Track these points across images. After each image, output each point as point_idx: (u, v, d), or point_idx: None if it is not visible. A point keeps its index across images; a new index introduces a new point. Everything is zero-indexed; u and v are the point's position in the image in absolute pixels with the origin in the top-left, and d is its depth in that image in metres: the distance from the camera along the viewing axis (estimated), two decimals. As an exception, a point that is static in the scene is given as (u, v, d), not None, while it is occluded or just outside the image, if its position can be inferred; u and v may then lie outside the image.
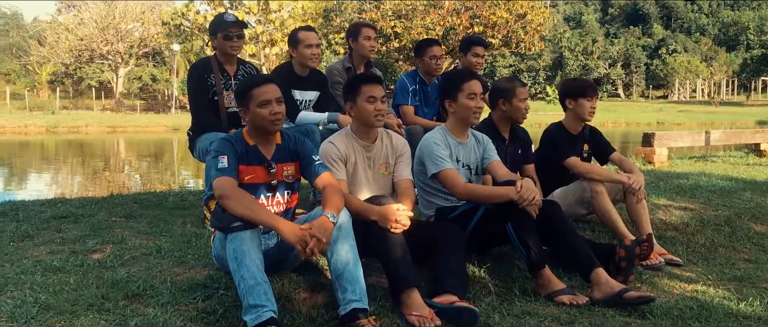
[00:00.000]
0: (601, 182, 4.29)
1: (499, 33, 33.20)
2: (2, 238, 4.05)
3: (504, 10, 32.24)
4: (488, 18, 32.31)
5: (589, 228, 4.62)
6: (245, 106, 3.24)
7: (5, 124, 25.58)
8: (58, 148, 21.86)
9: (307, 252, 2.89)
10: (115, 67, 46.03)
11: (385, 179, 3.69)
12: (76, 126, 28.04)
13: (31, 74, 55.98)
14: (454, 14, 32.68)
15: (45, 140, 23.67)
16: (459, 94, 3.75)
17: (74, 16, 45.01)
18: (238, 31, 4.57)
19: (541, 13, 33.51)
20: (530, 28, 33.21)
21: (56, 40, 43.65)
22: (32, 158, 18.63)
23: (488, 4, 32.71)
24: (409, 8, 32.70)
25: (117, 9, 42.98)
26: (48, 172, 15.18)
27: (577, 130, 4.63)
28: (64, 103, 42.76)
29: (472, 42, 5.58)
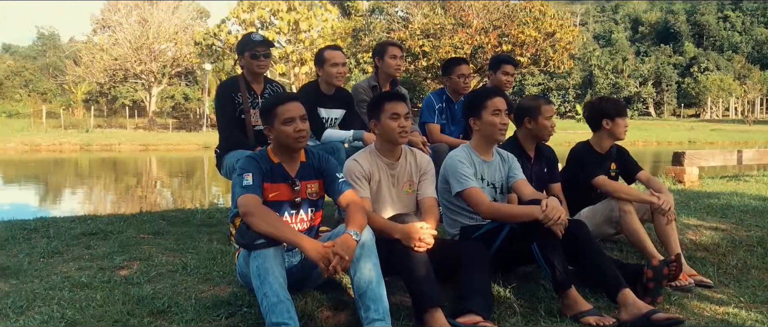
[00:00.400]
0: (629, 201, 4.23)
1: (528, 51, 33.14)
2: (33, 254, 4.11)
3: (533, 29, 32.19)
4: (517, 36, 32.29)
5: (617, 248, 4.56)
6: (270, 123, 3.26)
7: (41, 142, 26.09)
8: (91, 165, 22.20)
9: (330, 270, 2.89)
10: (149, 86, 46.76)
11: (409, 197, 3.69)
12: (109, 144, 28.49)
13: (67, 93, 57.12)
14: (482, 33, 32.72)
15: (78, 158, 24.07)
16: (483, 112, 3.73)
17: (109, 37, 45.86)
18: (264, 50, 4.61)
19: (570, 31, 33.38)
20: (559, 46, 33.10)
21: (91, 60, 44.49)
22: (65, 175, 18.93)
23: (517, 22, 32.70)
24: (437, 27, 32.80)
25: (151, 29, 43.72)
26: (80, 189, 15.41)
27: (605, 148, 4.59)
28: (98, 122, 43.53)
29: (502, 60, 5.57)
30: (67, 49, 56.14)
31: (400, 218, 3.35)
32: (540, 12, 33.02)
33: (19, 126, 34.99)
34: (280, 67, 33.22)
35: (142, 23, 44.36)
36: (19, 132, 30.60)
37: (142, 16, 44.95)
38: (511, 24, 32.64)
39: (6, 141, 26.19)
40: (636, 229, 4.17)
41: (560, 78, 66.82)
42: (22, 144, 25.51)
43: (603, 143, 4.57)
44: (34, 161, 22.16)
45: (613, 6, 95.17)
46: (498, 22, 33.12)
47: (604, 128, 4.49)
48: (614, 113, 4.47)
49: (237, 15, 32.57)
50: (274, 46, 4.69)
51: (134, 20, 45.16)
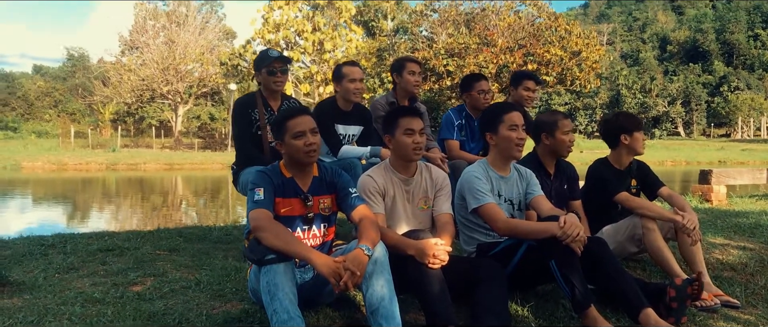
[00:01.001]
0: (652, 219, 4.13)
1: (554, 70, 32.99)
2: (49, 270, 4.10)
3: (558, 48, 32.06)
4: (542, 55, 32.17)
5: (640, 267, 4.44)
6: (280, 138, 3.23)
7: (68, 161, 26.45)
8: (115, 184, 22.42)
9: (340, 285, 2.84)
10: (175, 106, 47.28)
11: (424, 214, 3.62)
12: (134, 163, 28.80)
13: (95, 113, 57.95)
14: (507, 52, 32.66)
15: (104, 176, 24.35)
16: (500, 126, 3.66)
17: (137, 58, 46.53)
18: (281, 66, 4.59)
19: (596, 50, 33.17)
20: (585, 65, 32.90)
21: (119, 81, 45.14)
22: (89, 193, 19.13)
23: (542, 41, 32.60)
24: (462, 46, 32.79)
25: (177, 50, 44.28)
26: (102, 206, 15.54)
27: (624, 164, 4.49)
28: (125, 142, 44.09)
29: (523, 76, 5.51)
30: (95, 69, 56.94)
31: (415, 234, 3.28)
32: (566, 31, 32.91)
33: (47, 145, 35.54)
34: (305, 87, 33.38)
35: (169, 44, 44.95)
36: (47, 151, 31.08)
37: (169, 37, 45.56)
38: (537, 43, 32.55)
39: (34, 160, 26.61)
40: (659, 248, 4.07)
41: (587, 97, 66.32)
42: (49, 163, 25.90)
43: (622, 159, 4.47)
44: (60, 180, 22.44)
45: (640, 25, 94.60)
46: (523, 41, 33.06)
47: (623, 144, 4.41)
48: (632, 128, 4.38)
49: (262, 35, 32.84)
50: (291, 63, 4.66)
51: (161, 41, 45.78)
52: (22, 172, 24.11)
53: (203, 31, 47.11)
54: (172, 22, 46.44)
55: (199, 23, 47.74)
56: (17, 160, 26.03)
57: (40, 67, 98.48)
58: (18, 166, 25.14)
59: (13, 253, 4.51)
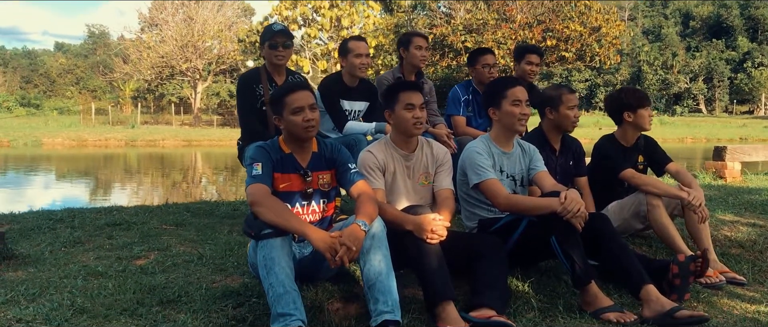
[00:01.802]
0: (658, 195, 4.08)
1: (573, 47, 32.59)
2: (55, 244, 4.16)
3: (577, 24, 31.63)
4: (561, 31, 31.76)
5: (646, 243, 4.40)
6: (279, 113, 3.22)
7: (87, 138, 26.69)
8: (132, 159, 22.62)
9: (336, 260, 2.84)
10: (194, 83, 47.44)
11: (425, 189, 3.60)
12: (153, 140, 29.00)
13: (116, 90, 58.39)
14: (526, 28, 32.27)
15: (122, 153, 24.56)
16: (503, 101, 3.62)
17: (156, 35, 46.68)
18: (284, 40, 4.56)
19: (616, 26, 32.69)
20: (605, 41, 32.46)
21: (139, 58, 45.34)
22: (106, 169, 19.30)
23: (561, 17, 32.18)
24: (480, 22, 32.46)
25: (196, 27, 44.34)
26: (116, 182, 15.70)
27: (631, 141, 4.44)
28: (145, 118, 44.39)
29: (526, 50, 5.46)
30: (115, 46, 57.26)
31: (413, 210, 3.27)
32: (585, 6, 32.41)
33: (67, 122, 35.90)
34: (322, 64, 33.32)
35: (187, 21, 45.01)
36: (67, 127, 31.39)
37: (188, 15, 45.58)
38: (556, 19, 32.12)
39: (54, 136, 26.90)
40: (664, 224, 4.02)
41: (608, 74, 65.59)
42: (69, 139, 26.16)
43: (628, 136, 4.42)
44: (78, 156, 22.68)
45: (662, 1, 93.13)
46: (542, 17, 32.64)
47: (627, 121, 4.35)
48: (635, 104, 4.31)
49: (279, 12, 32.75)
50: (293, 37, 4.63)
51: (180, 18, 45.83)
52: (43, 148, 24.39)
53: (222, 8, 47.10)
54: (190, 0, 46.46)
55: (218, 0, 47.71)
56: (37, 137, 26.32)
57: (62, 45, 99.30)
58: (39, 142, 25.42)
59: (21, 227, 4.58)
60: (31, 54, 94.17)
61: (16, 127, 30.42)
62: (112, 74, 52.67)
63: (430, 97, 5.19)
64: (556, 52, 32.86)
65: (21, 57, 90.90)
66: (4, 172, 17.82)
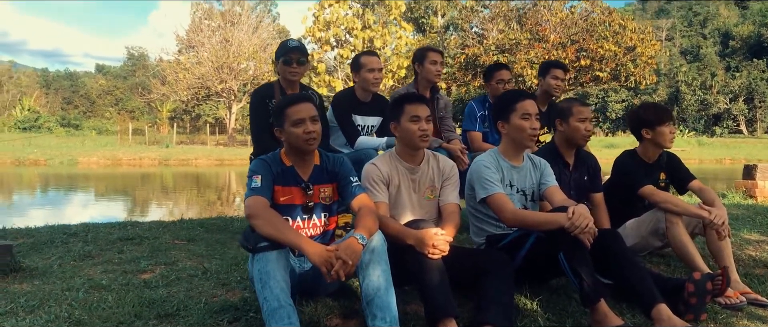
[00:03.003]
0: (678, 214, 3.94)
1: (607, 66, 32.21)
2: (65, 257, 4.17)
3: (612, 43, 31.29)
4: (595, 51, 31.45)
5: (664, 262, 4.25)
6: (280, 125, 3.18)
7: (122, 157, 27.11)
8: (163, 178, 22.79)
9: (332, 274, 2.77)
10: (229, 103, 47.95)
11: (430, 203, 3.53)
12: (186, 159, 29.30)
13: (154, 111, 59.35)
14: (559, 48, 32.05)
15: (155, 172, 24.78)
16: (512, 115, 3.54)
17: (192, 56, 47.36)
18: (298, 56, 4.55)
19: (651, 45, 32.24)
20: (640, 61, 32.04)
21: (175, 79, 46.02)
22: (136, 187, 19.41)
23: (595, 36, 31.88)
24: (513, 42, 32.34)
25: (231, 49, 44.91)
26: (142, 199, 15.82)
27: (652, 158, 4.31)
28: (181, 138, 44.95)
29: (551, 65, 5.40)
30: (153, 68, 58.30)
31: (416, 224, 3.19)
32: (620, 26, 32.10)
33: (104, 142, 36.51)
34: (354, 84, 33.42)
35: (223, 43, 45.62)
36: (103, 147, 31.90)
37: (224, 37, 46.21)
38: (590, 38, 31.81)
39: (90, 155, 27.37)
40: (683, 242, 3.88)
41: (645, 94, 64.65)
42: (104, 158, 26.56)
43: (649, 152, 4.29)
44: (110, 174, 22.95)
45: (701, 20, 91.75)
46: (576, 37, 32.37)
47: (646, 138, 4.22)
48: (654, 121, 4.18)
49: (312, 33, 33.04)
50: (308, 54, 4.62)
51: (217, 40, 46.47)
52: (78, 167, 24.78)
53: (257, 30, 47.66)
54: (226, 22, 47.11)
55: (253, 22, 48.30)
56: (74, 156, 26.80)
57: (102, 67, 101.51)
58: (74, 161, 25.87)
59: (35, 241, 4.60)
60: (72, 76, 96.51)
61: (54, 147, 31.03)
62: (149, 95, 53.54)
63: (445, 113, 5.12)
64: (591, 72, 32.52)
65: (63, 79, 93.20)
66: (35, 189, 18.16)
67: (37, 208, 13.30)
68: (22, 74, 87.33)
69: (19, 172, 22.86)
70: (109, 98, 77.40)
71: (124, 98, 74.67)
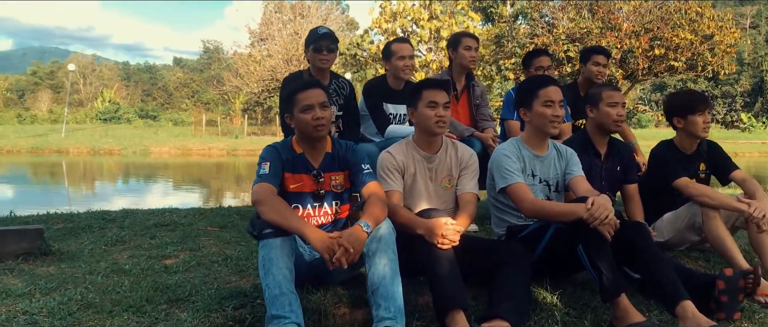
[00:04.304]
0: (715, 208, 3.72)
1: (683, 55, 31.02)
2: (99, 242, 4.27)
3: (688, 31, 30.11)
4: (670, 40, 30.33)
5: (703, 257, 4.03)
6: (290, 111, 3.15)
7: (192, 147, 27.84)
8: (229, 168, 23.27)
9: (334, 262, 2.73)
10: (298, 95, 48.53)
11: (448, 193, 3.43)
12: (253, 150, 29.70)
13: (228, 103, 60.65)
14: (632, 36, 31.06)
15: (223, 162, 25.35)
16: (534, 102, 3.40)
17: (264, 49, 48.14)
18: (328, 44, 4.53)
19: (730, 33, 30.86)
20: (718, 49, 30.72)
21: (247, 72, 46.88)
22: (197, 175, 19.90)
23: (670, 25, 30.74)
24: (584, 31, 31.50)
25: (300, 41, 45.42)
26: (198, 186, 16.19)
27: (690, 148, 4.08)
28: (253, 130, 45.81)
29: (592, 51, 5.28)
30: (225, 61, 59.59)
31: (427, 213, 3.12)
32: (696, 13, 30.86)
33: (177, 132, 37.56)
34: (421, 75, 33.32)
35: (293, 36, 46.19)
36: (175, 137, 32.80)
37: (294, 29, 46.77)
38: (665, 27, 30.69)
39: (162, 145, 28.23)
40: (721, 236, 3.66)
41: (726, 85, 62.10)
42: (175, 148, 27.35)
43: (684, 143, 4.07)
44: (178, 163, 23.58)
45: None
46: (650, 25, 31.28)
47: (678, 127, 4.00)
48: (686, 110, 3.95)
49: (379, 25, 33.04)
50: (338, 41, 4.58)
51: (287, 33, 47.06)
52: (150, 157, 25.62)
53: (326, 22, 48.04)
54: (296, 15, 47.69)
55: (322, 14, 48.75)
56: (146, 145, 27.70)
57: (180, 60, 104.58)
58: (147, 151, 26.74)
59: (74, 226, 4.74)
60: (152, 69, 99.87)
61: (128, 137, 32.12)
62: (223, 87, 54.73)
63: (480, 101, 5.00)
64: (665, 61, 31.40)
65: (143, 72, 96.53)
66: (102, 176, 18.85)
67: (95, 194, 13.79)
68: (104, 67, 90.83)
69: (91, 161, 23.79)
70: (186, 90, 79.59)
71: (200, 90, 76.58)
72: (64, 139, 29.62)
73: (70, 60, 71.98)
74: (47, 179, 18.32)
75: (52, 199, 12.52)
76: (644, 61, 31.27)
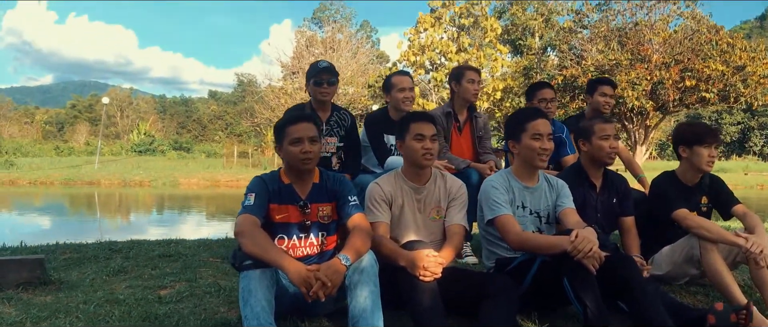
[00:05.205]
0: (713, 241, 3.66)
1: (715, 87, 30.62)
2: (101, 272, 4.33)
3: (719, 62, 29.74)
4: (701, 71, 29.98)
5: (703, 292, 3.95)
6: (279, 142, 3.20)
7: (220, 179, 28.07)
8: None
9: (311, 295, 2.74)
10: (328, 127, 48.93)
11: (436, 224, 3.44)
12: (281, 181, 30.10)
13: (260, 135, 61.33)
14: (662, 68, 30.78)
15: (246, 192, 25.49)
16: (523, 135, 3.40)
17: (296, 82, 48.70)
18: (328, 77, 4.58)
19: (764, 64, 30.39)
20: (751, 80, 30.26)
21: (278, 104, 47.43)
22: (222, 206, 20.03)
23: (701, 56, 30.40)
24: (613, 63, 31.31)
25: (331, 74, 45.94)
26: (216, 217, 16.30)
27: (692, 180, 4.02)
28: (282, 162, 46.08)
29: (598, 82, 5.25)
30: (258, 94, 60.36)
31: (411, 245, 3.13)
32: (728, 44, 30.52)
33: (208, 164, 37.99)
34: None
35: (325, 68, 46.72)
36: (205, 169, 33.18)
37: (326, 63, 47.32)
38: (695, 58, 30.37)
39: (191, 177, 28.55)
40: (718, 270, 3.59)
41: (763, 116, 61.01)
42: (204, 179, 27.61)
43: (687, 174, 4.01)
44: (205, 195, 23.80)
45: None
46: (680, 57, 30.99)
47: (682, 156, 3.95)
48: (693, 140, 3.90)
49: (407, 57, 33.25)
50: (338, 75, 4.64)
51: (318, 67, 47.62)
52: (179, 188, 25.93)
53: (356, 55, 48.55)
54: (327, 48, 48.26)
55: (353, 47, 49.28)
56: (176, 177, 28.01)
57: (215, 93, 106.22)
58: (176, 182, 27.06)
59: (80, 256, 4.81)
60: (187, 102, 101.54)
61: (159, 169, 32.56)
62: (255, 119, 55.38)
63: (483, 133, 5.00)
64: (697, 92, 31.01)
65: (179, 104, 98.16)
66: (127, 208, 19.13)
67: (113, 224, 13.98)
68: (141, 100, 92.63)
69: (120, 192, 24.14)
70: (220, 123, 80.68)
71: (234, 123, 77.57)
72: (96, 170, 30.16)
73: (108, 93, 73.65)
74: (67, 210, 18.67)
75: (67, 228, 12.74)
76: (675, 92, 30.94)
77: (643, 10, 33.59)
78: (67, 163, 35.42)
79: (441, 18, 32.71)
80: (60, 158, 43.43)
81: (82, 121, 77.37)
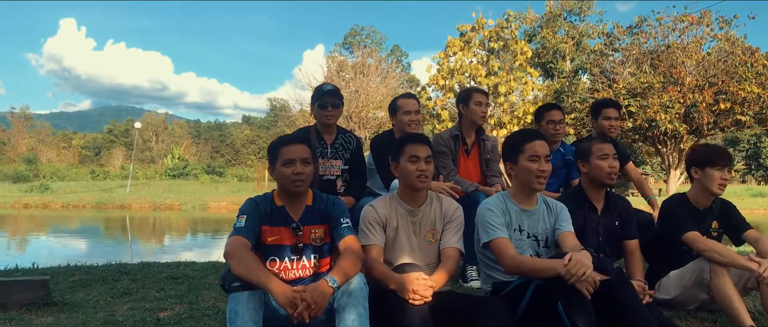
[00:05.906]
0: (723, 265, 3.56)
1: (750, 109, 30.16)
2: (106, 294, 4.37)
3: (755, 85, 29.28)
4: (736, 93, 29.55)
5: (711, 318, 3.83)
6: (272, 163, 3.20)
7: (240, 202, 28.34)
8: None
9: (296, 316, 2.72)
10: (359, 151, 49.07)
11: (431, 247, 3.40)
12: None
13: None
14: (696, 90, 30.39)
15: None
16: (520, 156, 3.36)
17: (325, 106, 49.06)
18: (333, 100, 4.60)
19: (799, 86, 29.84)
20: (787, 103, 29.73)
21: (307, 128, 47.81)
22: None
23: (736, 78, 29.95)
24: (645, 86, 31.02)
25: (360, 98, 46.13)
26: None
27: (704, 204, 3.93)
28: (312, 185, 46.29)
29: (603, 105, 5.16)
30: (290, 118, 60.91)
31: (403, 268, 3.09)
32: (764, 66, 30.03)
33: (238, 188, 38.28)
34: (487, 130, 33.22)
35: (354, 94, 46.96)
36: (235, 193, 33.43)
37: (355, 88, 47.56)
38: (730, 80, 29.94)
39: (220, 200, 28.86)
40: (728, 294, 3.49)
41: (803, 139, 59.74)
42: (232, 203, 27.77)
43: (699, 197, 3.92)
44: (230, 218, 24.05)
45: None
46: (714, 79, 30.57)
47: (694, 178, 3.87)
48: (705, 161, 3.82)
49: (436, 81, 33.29)
50: (343, 98, 4.65)
51: (349, 91, 47.92)
52: (208, 211, 26.19)
53: (386, 80, 48.73)
54: (357, 73, 48.56)
55: (384, 72, 49.48)
56: (205, 201, 28.37)
57: (248, 117, 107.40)
58: (205, 206, 27.37)
59: (90, 277, 4.86)
60: (221, 126, 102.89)
61: (189, 192, 32.93)
62: (285, 143, 55.83)
63: (491, 156, 4.95)
64: (731, 115, 30.55)
65: (213, 129, 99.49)
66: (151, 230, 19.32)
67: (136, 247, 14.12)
68: (176, 125, 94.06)
69: (149, 215, 24.43)
70: (253, 147, 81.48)
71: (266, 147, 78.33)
72: (128, 194, 30.62)
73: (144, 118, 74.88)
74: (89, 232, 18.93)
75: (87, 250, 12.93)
76: (709, 115, 30.50)
77: (676, 33, 33.26)
78: (101, 187, 36.02)
79: (470, 41, 32.60)
80: (95, 182, 44.20)
81: (118, 146, 78.76)
